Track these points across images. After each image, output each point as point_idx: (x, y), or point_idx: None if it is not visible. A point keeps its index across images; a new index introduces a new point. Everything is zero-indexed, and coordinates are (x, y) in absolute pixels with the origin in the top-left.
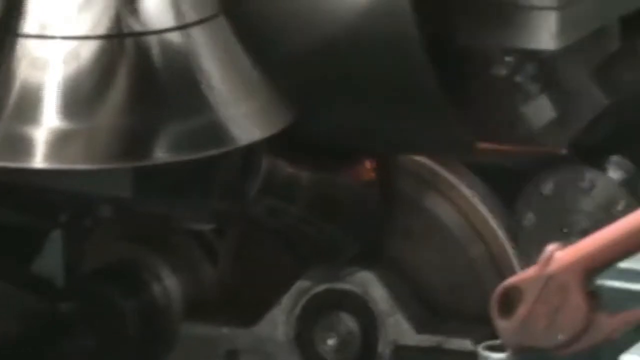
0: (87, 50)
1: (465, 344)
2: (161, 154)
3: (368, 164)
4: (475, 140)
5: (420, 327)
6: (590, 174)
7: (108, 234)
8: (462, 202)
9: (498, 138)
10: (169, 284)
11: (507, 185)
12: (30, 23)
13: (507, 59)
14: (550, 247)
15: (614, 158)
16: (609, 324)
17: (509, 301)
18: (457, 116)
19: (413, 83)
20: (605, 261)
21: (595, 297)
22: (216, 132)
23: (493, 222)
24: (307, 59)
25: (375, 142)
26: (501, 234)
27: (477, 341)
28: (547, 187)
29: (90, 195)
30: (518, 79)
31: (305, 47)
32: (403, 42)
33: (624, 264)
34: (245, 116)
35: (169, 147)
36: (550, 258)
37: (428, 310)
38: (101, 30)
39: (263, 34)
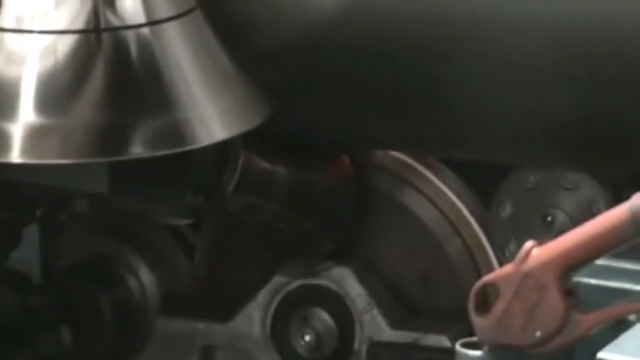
0: (65, 45)
1: (442, 341)
2: (136, 150)
3: (343, 160)
4: (446, 135)
5: (397, 323)
6: (574, 175)
7: (84, 229)
8: (438, 197)
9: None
10: (145, 279)
11: (482, 179)
12: (6, 17)
13: None
14: (528, 244)
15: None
16: (586, 321)
17: (486, 298)
18: (429, 112)
19: (386, 78)
20: (582, 258)
21: (572, 295)
22: (191, 128)
23: (469, 217)
24: (282, 54)
25: (351, 137)
26: (477, 229)
27: (454, 338)
28: (530, 180)
29: (66, 190)
30: None
31: (281, 42)
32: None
33: (600, 261)
34: (220, 112)
35: (144, 143)
36: (527, 255)
37: (404, 307)
38: (79, 24)
39: (238, 29)
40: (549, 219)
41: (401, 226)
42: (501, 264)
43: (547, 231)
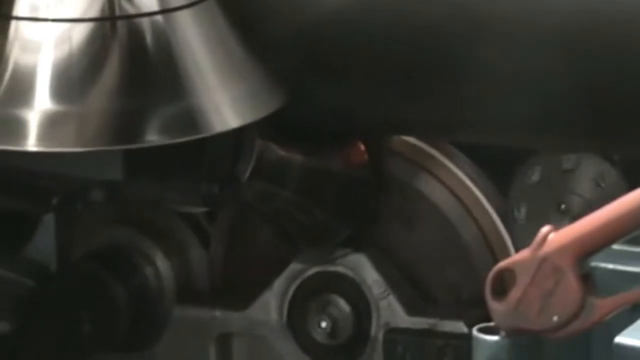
0: (79, 33)
1: (459, 326)
2: (151, 137)
3: (358, 147)
4: (458, 119)
5: (413, 309)
6: (573, 155)
7: (100, 218)
8: (454, 183)
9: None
10: (161, 268)
11: (498, 165)
12: (21, 5)
13: None
14: (544, 229)
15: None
16: (603, 306)
17: (503, 283)
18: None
19: (402, 63)
20: (599, 243)
21: (589, 280)
22: (205, 115)
23: (485, 203)
24: (297, 41)
25: (365, 122)
26: (493, 214)
27: (471, 324)
28: (535, 175)
29: (82, 179)
30: None
31: (296, 27)
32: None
33: (617, 246)
34: (234, 99)
35: (159, 130)
36: (544, 240)
37: (421, 293)
38: (93, 12)
39: (253, 15)
40: (563, 206)
41: (417, 213)
42: (510, 230)
43: (564, 218)
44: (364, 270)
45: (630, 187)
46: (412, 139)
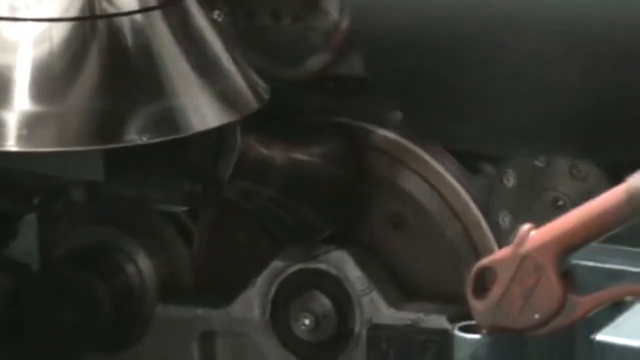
0: (59, 33)
1: (442, 322)
2: (132, 137)
3: (341, 145)
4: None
5: (396, 305)
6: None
7: (82, 217)
8: (438, 180)
9: None
10: (144, 266)
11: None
12: (0, 5)
13: None
14: (525, 227)
15: None
16: (584, 303)
17: (484, 281)
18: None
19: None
20: (579, 241)
21: (570, 277)
22: (185, 115)
23: (469, 201)
24: None
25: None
26: (477, 212)
27: (454, 320)
28: (511, 178)
29: (63, 179)
30: None
31: None
32: None
33: (598, 243)
34: (214, 99)
35: (140, 130)
36: (524, 238)
37: (404, 289)
38: (73, 12)
39: None
40: (544, 204)
41: (401, 210)
42: (495, 236)
43: (546, 216)
44: (347, 267)
45: (611, 184)
46: (395, 137)
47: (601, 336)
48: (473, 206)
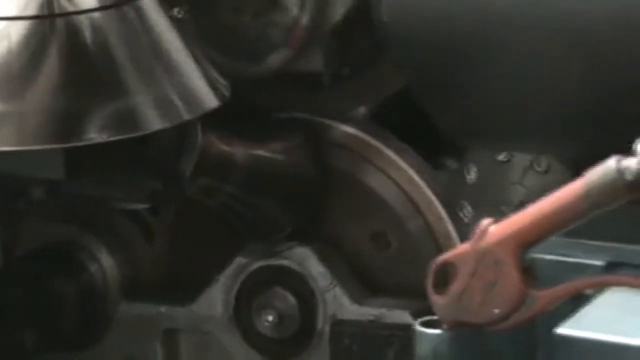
0: (17, 31)
1: (405, 317)
2: (92, 135)
3: (303, 141)
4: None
5: (359, 301)
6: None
7: (43, 216)
8: (399, 175)
9: None
10: (106, 264)
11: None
12: None
13: None
14: (484, 222)
15: None
16: (544, 297)
17: (445, 276)
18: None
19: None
20: (539, 235)
21: (530, 271)
22: (145, 112)
23: (431, 195)
24: None
25: None
26: (439, 207)
27: (417, 315)
28: (472, 172)
29: (23, 177)
30: None
31: None
32: None
33: (557, 237)
34: (174, 97)
35: (100, 128)
36: (484, 233)
37: (367, 285)
38: (32, 10)
39: None
40: (505, 198)
41: (362, 205)
42: (458, 231)
43: (507, 210)
44: (310, 263)
45: (573, 177)
46: (357, 132)
47: (562, 329)
48: (435, 201)
